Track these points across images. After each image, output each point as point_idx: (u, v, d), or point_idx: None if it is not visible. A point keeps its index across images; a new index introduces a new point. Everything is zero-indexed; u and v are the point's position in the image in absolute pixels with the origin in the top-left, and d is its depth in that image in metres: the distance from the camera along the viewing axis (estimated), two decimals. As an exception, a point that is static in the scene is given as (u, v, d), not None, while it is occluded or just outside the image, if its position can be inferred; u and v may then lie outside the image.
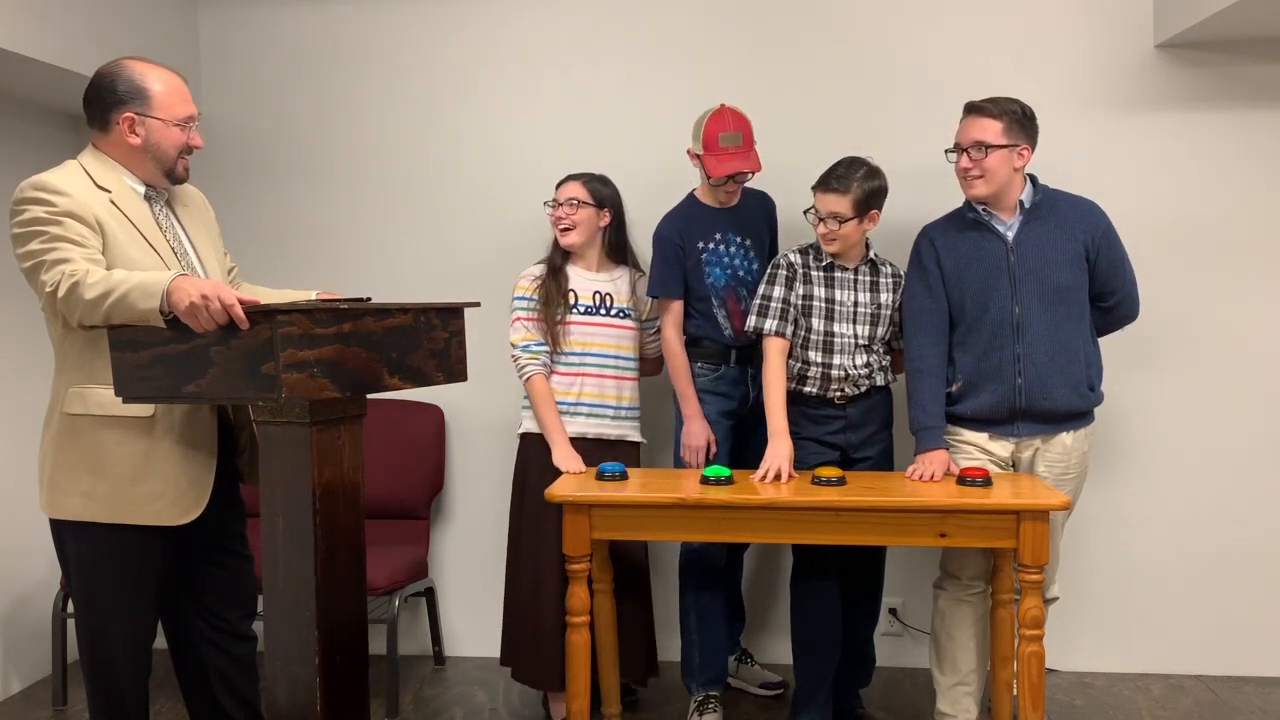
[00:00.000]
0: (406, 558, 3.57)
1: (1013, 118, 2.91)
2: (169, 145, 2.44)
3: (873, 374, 3.10)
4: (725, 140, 3.16)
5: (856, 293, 3.08)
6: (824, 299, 3.07)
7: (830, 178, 2.99)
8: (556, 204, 3.25)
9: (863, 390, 3.10)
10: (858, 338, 3.07)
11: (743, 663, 3.62)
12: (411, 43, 3.90)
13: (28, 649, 3.72)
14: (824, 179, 3.00)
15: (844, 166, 3.00)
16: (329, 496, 2.24)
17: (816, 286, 3.08)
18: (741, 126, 3.18)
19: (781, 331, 3.07)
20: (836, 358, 3.07)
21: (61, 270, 2.22)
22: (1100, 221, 2.99)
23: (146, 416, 2.36)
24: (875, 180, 2.99)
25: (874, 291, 3.09)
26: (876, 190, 3.00)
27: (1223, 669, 3.66)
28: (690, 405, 3.23)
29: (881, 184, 3.01)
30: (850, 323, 3.07)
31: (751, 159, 3.18)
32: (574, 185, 3.26)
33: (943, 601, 3.11)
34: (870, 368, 3.09)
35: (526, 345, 3.21)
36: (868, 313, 3.08)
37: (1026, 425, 2.99)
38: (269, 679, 2.28)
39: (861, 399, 3.11)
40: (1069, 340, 2.96)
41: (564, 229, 3.23)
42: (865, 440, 3.13)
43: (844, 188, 2.96)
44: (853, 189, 2.95)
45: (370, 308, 2.25)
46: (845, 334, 3.07)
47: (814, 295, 3.08)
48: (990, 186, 2.93)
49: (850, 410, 3.11)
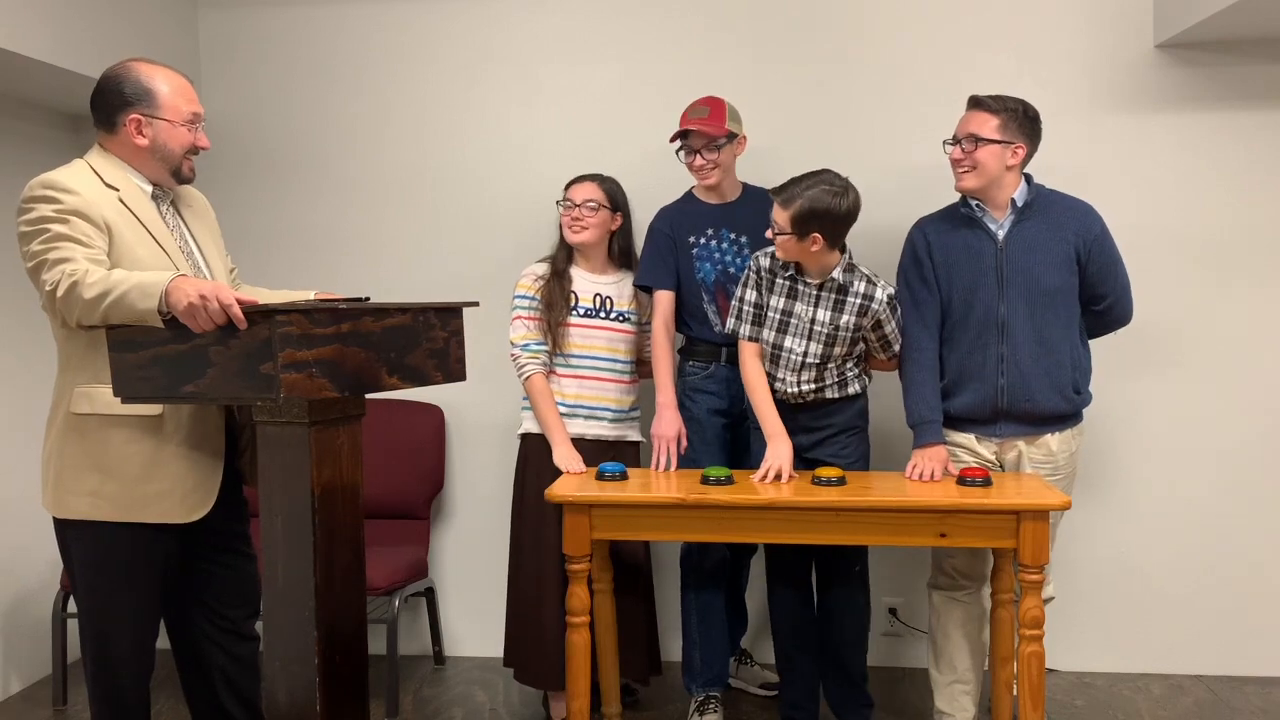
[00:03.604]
0: (406, 558, 3.57)
1: (1011, 115, 2.91)
2: (176, 145, 2.45)
3: (823, 390, 3.02)
4: (693, 114, 3.18)
5: (816, 309, 2.97)
6: (780, 310, 3.00)
7: (781, 188, 2.86)
8: (570, 204, 3.23)
9: (809, 401, 3.05)
10: (806, 355, 2.98)
11: (743, 663, 3.63)
12: (411, 43, 3.90)
13: (28, 649, 3.73)
14: (779, 187, 2.88)
15: (798, 179, 2.86)
16: (328, 496, 2.24)
17: (777, 296, 3.00)
18: (712, 103, 3.19)
19: (754, 336, 3.04)
20: (780, 370, 3.02)
21: (62, 269, 2.22)
22: (1093, 225, 2.97)
23: (155, 415, 2.37)
24: (824, 203, 2.80)
25: (835, 310, 2.95)
26: (822, 214, 2.80)
27: (1223, 669, 3.66)
28: (665, 394, 3.18)
29: (834, 208, 2.81)
30: (803, 339, 2.98)
31: (709, 124, 3.14)
32: (591, 186, 3.24)
33: (938, 600, 3.11)
34: (820, 384, 3.01)
35: (526, 344, 3.21)
36: (823, 331, 2.96)
37: (1009, 426, 2.98)
38: (269, 679, 2.28)
39: (810, 406, 3.05)
40: (1055, 342, 2.94)
41: (578, 230, 3.22)
42: (817, 444, 3.07)
43: (785, 202, 2.84)
44: (792, 205, 2.82)
45: (369, 307, 2.25)
46: (794, 349, 2.99)
47: (771, 305, 3.01)
48: (979, 180, 2.92)
49: (800, 415, 3.05)
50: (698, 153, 3.18)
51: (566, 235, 3.25)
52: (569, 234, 3.23)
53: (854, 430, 3.09)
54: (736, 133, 3.22)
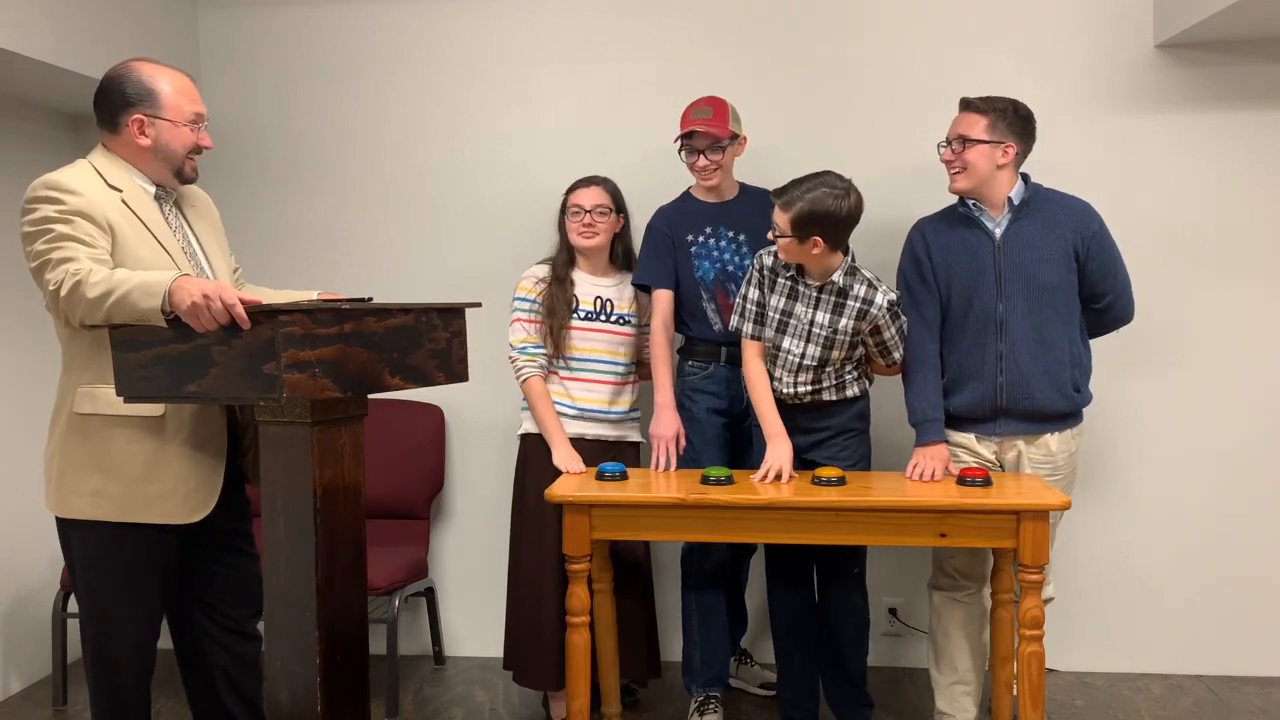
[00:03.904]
0: (406, 558, 3.57)
1: (1000, 115, 2.91)
2: (178, 145, 2.45)
3: (819, 392, 3.02)
4: (696, 114, 3.18)
5: (816, 311, 2.96)
6: (780, 310, 3.00)
7: (781, 191, 2.86)
8: (581, 210, 3.22)
9: (806, 402, 3.05)
10: (804, 357, 2.99)
11: (743, 663, 3.63)
12: (410, 43, 3.90)
13: (28, 649, 3.72)
14: (779, 189, 2.87)
15: (799, 180, 2.85)
16: (330, 497, 2.24)
17: (778, 295, 3.01)
18: (714, 104, 3.19)
19: (758, 335, 3.05)
20: (778, 371, 3.03)
21: (65, 269, 2.22)
22: (1091, 223, 2.98)
23: (157, 416, 2.37)
24: (825, 205, 2.79)
25: (834, 314, 2.94)
26: (823, 216, 2.79)
27: (1223, 669, 3.66)
28: (664, 395, 3.18)
29: (834, 211, 2.80)
30: (801, 340, 2.98)
31: (713, 124, 3.15)
32: (598, 191, 3.24)
33: (937, 601, 3.11)
34: (818, 387, 3.01)
35: (524, 347, 3.21)
36: (821, 334, 2.96)
37: (1008, 424, 2.99)
38: (270, 678, 2.28)
39: (807, 407, 3.05)
40: (1054, 340, 2.95)
41: (590, 235, 3.21)
42: (815, 445, 3.07)
43: (785, 205, 2.84)
44: (793, 208, 2.82)
45: (371, 308, 2.25)
46: (793, 351, 2.99)
47: (771, 304, 3.02)
48: (970, 181, 2.93)
49: (798, 415, 3.05)
50: (701, 153, 3.18)
51: (577, 241, 3.23)
52: (581, 240, 3.23)
53: (852, 432, 3.09)
54: (738, 133, 3.22)
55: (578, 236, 3.23)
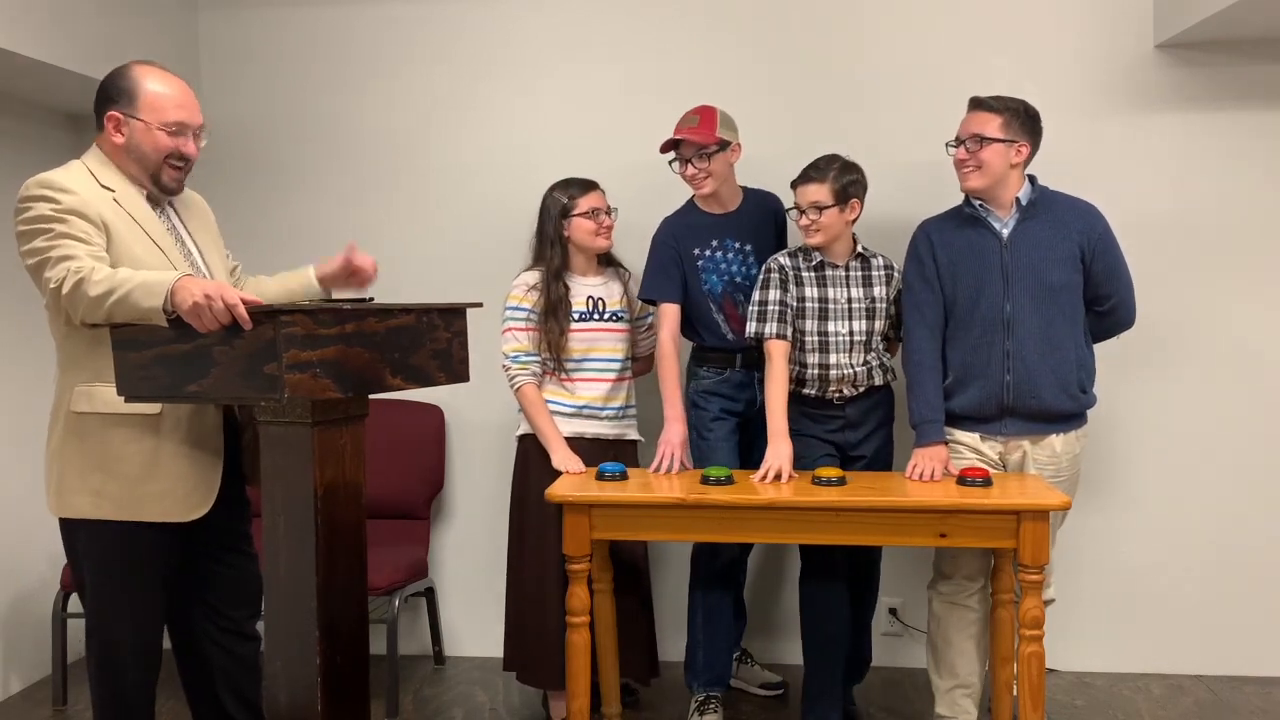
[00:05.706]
0: (406, 558, 3.57)
1: (1013, 114, 2.92)
2: (149, 148, 2.41)
3: (871, 372, 3.10)
4: (683, 123, 3.19)
5: (849, 289, 3.09)
6: (816, 299, 3.08)
7: (808, 169, 3.05)
8: (599, 212, 3.24)
9: (861, 390, 3.10)
10: (854, 334, 3.08)
11: (743, 663, 3.62)
12: (411, 43, 3.90)
13: (28, 649, 3.72)
14: (803, 172, 3.05)
15: (822, 160, 3.06)
16: (330, 496, 2.24)
17: (808, 287, 3.09)
18: (702, 111, 3.19)
19: (782, 334, 3.07)
20: (833, 356, 3.07)
21: (66, 267, 2.22)
22: (1097, 224, 2.98)
23: (153, 414, 2.36)
24: (852, 173, 3.04)
25: (866, 286, 3.10)
26: (854, 181, 3.04)
27: (1223, 669, 3.66)
28: (673, 409, 3.18)
29: (858, 177, 3.05)
30: (845, 319, 3.08)
31: (698, 131, 3.16)
32: (601, 193, 3.27)
33: (937, 605, 3.10)
34: (869, 365, 3.09)
35: (516, 356, 3.21)
36: (863, 308, 3.09)
37: (1014, 423, 2.99)
38: (269, 679, 2.28)
39: (861, 398, 3.12)
40: (1060, 340, 2.95)
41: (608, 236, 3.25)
42: (863, 439, 3.14)
43: (821, 177, 3.01)
44: (830, 178, 3.00)
45: (372, 308, 2.26)
46: (841, 332, 3.07)
47: (806, 296, 3.08)
48: (984, 179, 2.94)
49: (849, 410, 3.11)
50: (689, 162, 3.18)
51: (595, 243, 3.24)
52: (600, 241, 3.24)
53: (890, 424, 3.19)
54: (730, 140, 3.19)
55: (596, 238, 3.24)
